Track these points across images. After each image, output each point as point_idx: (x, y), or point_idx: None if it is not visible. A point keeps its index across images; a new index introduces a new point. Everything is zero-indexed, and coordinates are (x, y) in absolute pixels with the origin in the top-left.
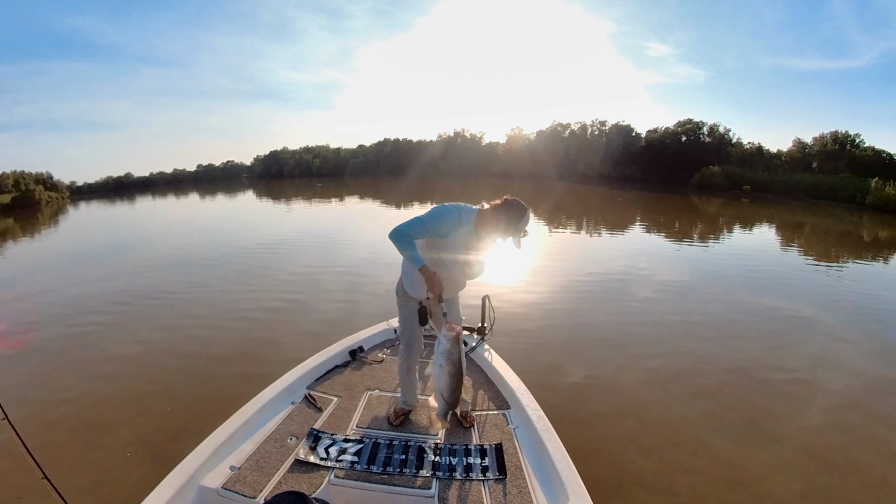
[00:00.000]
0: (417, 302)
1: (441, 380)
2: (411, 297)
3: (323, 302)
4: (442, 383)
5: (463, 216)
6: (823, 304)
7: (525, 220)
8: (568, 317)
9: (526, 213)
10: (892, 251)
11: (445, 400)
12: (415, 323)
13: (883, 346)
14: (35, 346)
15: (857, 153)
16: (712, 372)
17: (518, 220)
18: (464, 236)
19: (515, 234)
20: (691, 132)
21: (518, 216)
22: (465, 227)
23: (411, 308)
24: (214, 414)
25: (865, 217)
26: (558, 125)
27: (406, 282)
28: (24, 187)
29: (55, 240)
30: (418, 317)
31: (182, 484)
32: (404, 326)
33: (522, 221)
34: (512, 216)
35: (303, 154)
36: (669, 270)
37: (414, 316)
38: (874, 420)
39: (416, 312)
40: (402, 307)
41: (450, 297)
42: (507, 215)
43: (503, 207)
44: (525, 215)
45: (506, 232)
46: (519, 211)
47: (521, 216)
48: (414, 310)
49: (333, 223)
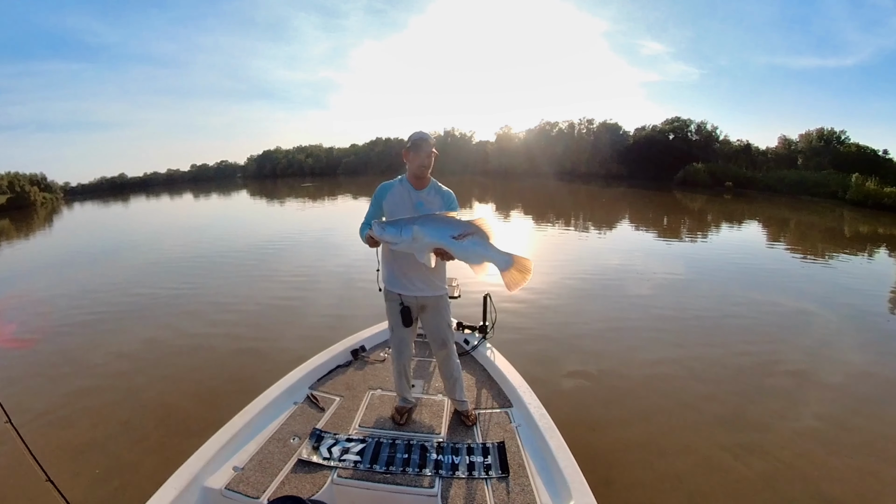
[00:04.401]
0: (398, 300)
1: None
2: (391, 294)
3: (324, 301)
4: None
5: (394, 180)
6: (816, 297)
7: (418, 136)
8: (568, 314)
9: (420, 133)
10: (874, 245)
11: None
12: (399, 325)
13: (874, 336)
14: (36, 346)
15: (842, 150)
16: (713, 367)
17: (414, 139)
18: (402, 193)
19: (418, 152)
20: (679, 130)
21: (414, 136)
22: (397, 187)
23: (393, 308)
24: (217, 415)
25: (846, 212)
26: (546, 124)
27: (382, 274)
28: (20, 188)
29: (53, 240)
30: (401, 318)
31: (185, 485)
32: (391, 331)
33: (417, 137)
34: (410, 138)
35: (295, 153)
36: (663, 267)
37: (397, 317)
38: (877, 412)
39: (398, 313)
40: (386, 308)
41: (430, 291)
42: (408, 140)
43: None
44: (419, 134)
45: (415, 156)
46: (413, 133)
47: (416, 135)
48: (396, 310)
49: (331, 222)
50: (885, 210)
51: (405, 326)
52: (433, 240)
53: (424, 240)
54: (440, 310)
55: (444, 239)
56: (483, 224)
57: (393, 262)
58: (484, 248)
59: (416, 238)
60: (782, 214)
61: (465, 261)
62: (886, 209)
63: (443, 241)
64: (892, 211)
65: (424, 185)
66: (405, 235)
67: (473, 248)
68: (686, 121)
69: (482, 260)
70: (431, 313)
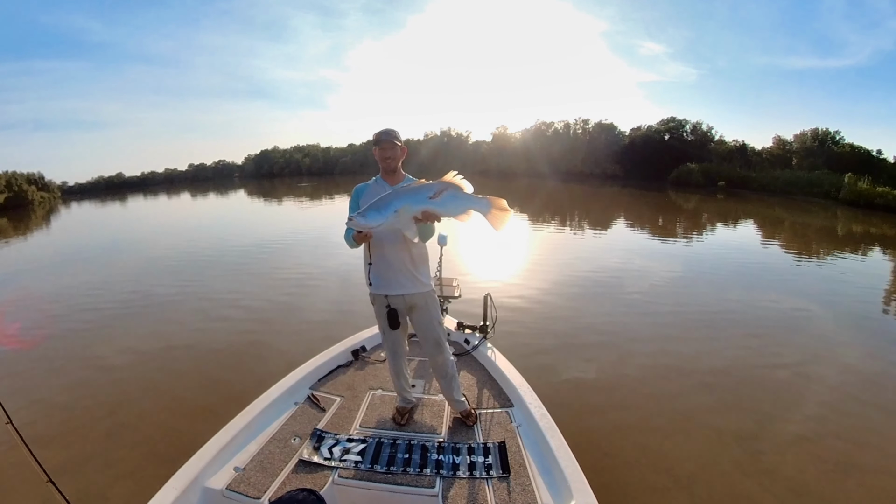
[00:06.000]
0: (384, 302)
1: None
2: (377, 297)
3: (324, 301)
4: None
5: (370, 181)
6: (811, 294)
7: (380, 131)
8: (569, 314)
9: (383, 129)
10: (867, 244)
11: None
12: (388, 329)
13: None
14: (37, 347)
15: (836, 150)
16: (714, 366)
17: (375, 134)
18: (377, 190)
19: (378, 145)
20: (674, 130)
21: (376, 132)
22: (372, 185)
23: (380, 312)
24: (218, 415)
25: (840, 212)
26: (542, 124)
27: (366, 278)
28: (17, 188)
29: (51, 240)
30: (388, 321)
31: (186, 485)
32: (383, 334)
33: (378, 132)
34: (374, 136)
35: (293, 153)
36: (660, 266)
37: (384, 320)
38: (873, 408)
39: (385, 316)
40: (374, 312)
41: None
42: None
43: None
44: (381, 130)
45: (379, 151)
46: (376, 132)
47: (378, 131)
48: (383, 313)
49: (329, 222)
50: (876, 210)
51: (392, 329)
52: (415, 206)
53: (406, 210)
54: (429, 308)
55: (423, 202)
56: (453, 179)
57: (375, 263)
58: (462, 198)
59: (399, 211)
60: (776, 214)
61: (450, 215)
62: (878, 209)
63: (424, 205)
64: (883, 210)
65: (399, 180)
66: (388, 212)
67: (453, 201)
68: (681, 121)
69: (465, 209)
70: (420, 312)
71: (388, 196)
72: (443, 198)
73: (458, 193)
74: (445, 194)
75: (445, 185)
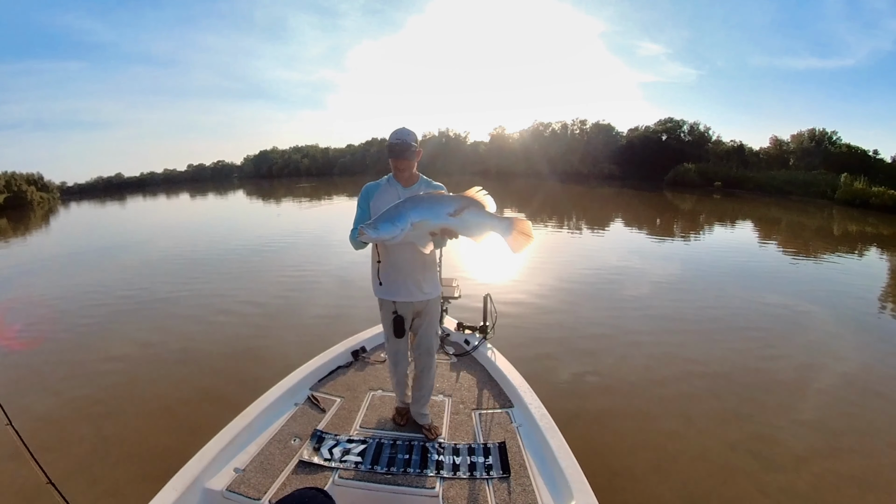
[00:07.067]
0: (392, 308)
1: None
2: (384, 303)
3: (324, 302)
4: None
5: (381, 180)
6: (808, 293)
7: (393, 133)
8: (568, 314)
9: (396, 134)
10: (863, 243)
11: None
12: (392, 337)
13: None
14: (37, 347)
15: (833, 150)
16: (713, 366)
17: (390, 142)
18: (391, 192)
19: (391, 152)
20: (672, 130)
21: (390, 138)
22: (384, 186)
23: (387, 317)
24: (218, 416)
25: (836, 211)
26: (539, 124)
27: (374, 280)
28: (17, 188)
29: (51, 240)
30: (393, 328)
31: (186, 486)
32: (387, 341)
33: (393, 140)
34: (388, 145)
35: (292, 154)
36: (659, 266)
37: (390, 327)
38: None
39: (391, 323)
40: (381, 316)
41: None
42: (387, 144)
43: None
44: (396, 135)
45: (397, 163)
46: (391, 134)
47: (392, 136)
48: (389, 319)
49: (329, 222)
50: (872, 209)
51: (397, 337)
52: (433, 221)
53: (423, 225)
54: (432, 316)
55: (441, 219)
56: (476, 194)
57: (384, 262)
58: (484, 217)
59: (415, 225)
60: (772, 214)
61: (467, 235)
62: (873, 208)
63: (443, 222)
64: (879, 210)
65: (413, 182)
66: (401, 225)
67: (473, 221)
68: (679, 121)
69: (484, 231)
70: (422, 318)
71: (403, 206)
72: (464, 216)
73: (480, 212)
74: (467, 212)
75: (468, 201)
